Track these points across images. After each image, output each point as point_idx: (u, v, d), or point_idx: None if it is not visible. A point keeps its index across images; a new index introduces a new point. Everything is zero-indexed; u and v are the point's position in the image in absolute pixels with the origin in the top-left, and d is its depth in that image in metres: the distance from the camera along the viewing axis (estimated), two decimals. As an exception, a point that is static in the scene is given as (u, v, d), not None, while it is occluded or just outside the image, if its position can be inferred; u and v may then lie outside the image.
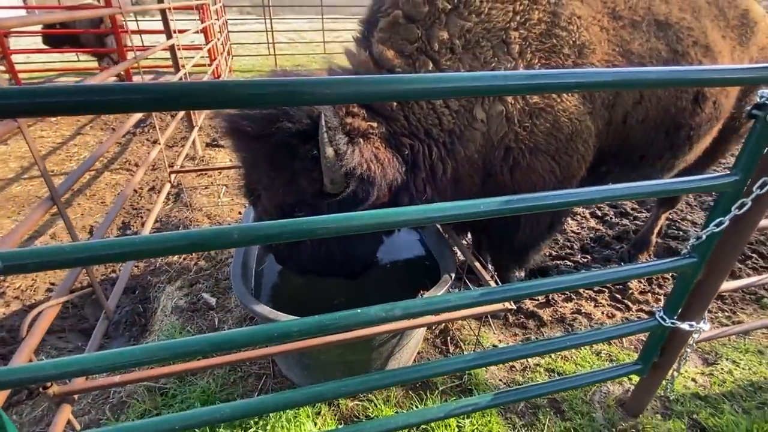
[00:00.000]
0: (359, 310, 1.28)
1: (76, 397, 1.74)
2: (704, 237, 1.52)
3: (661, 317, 1.77)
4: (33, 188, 4.94)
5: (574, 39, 2.08)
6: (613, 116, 2.26)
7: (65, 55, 11.68)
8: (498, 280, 2.12)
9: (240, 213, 4.32)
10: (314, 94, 0.93)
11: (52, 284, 3.43)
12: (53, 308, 1.74)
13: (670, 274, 3.44)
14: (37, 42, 12.75)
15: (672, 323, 1.76)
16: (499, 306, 1.84)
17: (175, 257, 3.55)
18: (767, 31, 2.65)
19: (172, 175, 3.77)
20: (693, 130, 2.39)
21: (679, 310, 1.78)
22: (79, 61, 12.06)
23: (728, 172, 1.42)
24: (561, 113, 2.11)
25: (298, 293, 2.70)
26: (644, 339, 2.73)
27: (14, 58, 8.60)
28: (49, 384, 1.55)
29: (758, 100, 1.31)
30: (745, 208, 1.44)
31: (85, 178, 5.14)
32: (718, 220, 1.47)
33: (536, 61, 2.06)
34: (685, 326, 1.75)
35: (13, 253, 0.94)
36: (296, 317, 1.87)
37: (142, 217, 4.33)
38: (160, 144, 3.77)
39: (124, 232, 4.11)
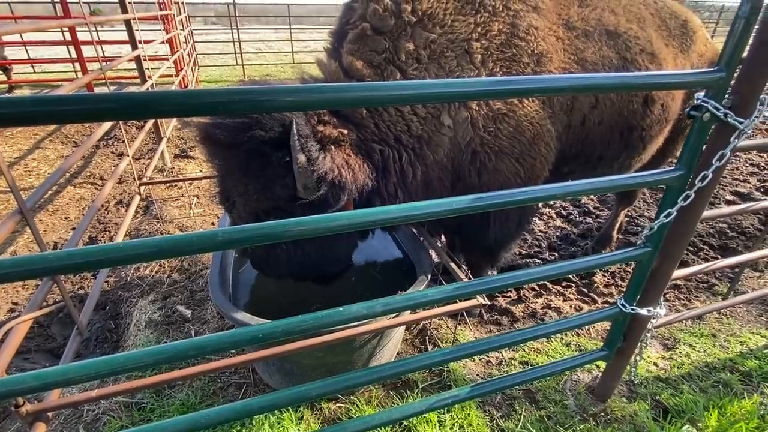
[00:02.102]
0: (341, 308, 1.33)
1: (50, 415, 1.69)
2: (656, 227, 1.66)
3: (622, 304, 1.90)
4: (-11, 205, 4.71)
5: (532, 48, 2.22)
6: (571, 119, 2.41)
7: (20, 66, 11.19)
8: (471, 277, 2.22)
9: (213, 224, 4.27)
10: (283, 101, 0.97)
11: (15, 303, 3.29)
12: (24, 324, 1.69)
13: (631, 267, 3.65)
14: (-12, 53, 12.15)
15: (632, 309, 1.89)
16: (474, 302, 1.92)
17: (148, 270, 3.48)
18: (704, 39, 2.90)
19: (142, 187, 3.69)
20: (644, 131, 2.58)
21: (638, 297, 1.92)
22: (34, 72, 11.59)
23: (673, 167, 1.57)
24: (523, 118, 2.24)
25: (276, 301, 2.71)
26: (609, 329, 2.90)
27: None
28: (21, 402, 1.51)
29: (695, 101, 1.46)
30: (689, 200, 1.58)
31: (47, 192, 4.95)
32: (667, 211, 1.61)
33: (497, 69, 2.18)
34: (643, 312, 1.89)
35: (-7, 263, 0.94)
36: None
37: (109, 232, 4.21)
38: (128, 156, 3.70)
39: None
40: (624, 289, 3.44)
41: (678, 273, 1.96)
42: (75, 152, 2.63)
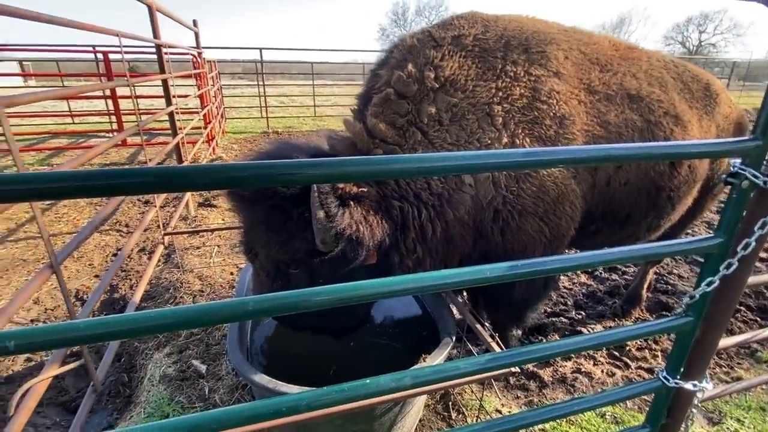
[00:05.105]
0: (368, 380, 1.26)
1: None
2: (698, 296, 1.58)
3: (665, 377, 1.77)
4: (18, 251, 4.85)
5: (554, 111, 2.26)
6: (596, 180, 2.40)
7: (59, 118, 11.97)
8: (500, 342, 2.12)
9: (232, 273, 4.28)
10: (304, 174, 0.99)
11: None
12: (43, 383, 1.66)
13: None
14: (34, 106, 13.08)
15: (676, 383, 1.75)
16: (504, 370, 1.82)
17: (165, 322, 3.45)
18: (728, 101, 2.92)
19: (166, 237, 3.76)
20: (672, 191, 2.54)
21: (681, 369, 1.79)
22: (73, 123, 12.34)
23: (712, 234, 1.51)
24: (546, 177, 2.24)
25: (293, 354, 2.64)
26: (647, 399, 2.69)
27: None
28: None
29: (732, 169, 1.43)
30: (732, 268, 1.50)
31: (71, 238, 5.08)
32: (708, 279, 1.53)
33: (520, 131, 2.21)
34: (688, 386, 1.75)
35: (24, 332, 0.93)
36: (304, 389, 1.82)
37: (130, 279, 4.24)
38: (155, 206, 3.80)
39: (112, 295, 4.00)
40: (658, 353, 3.27)
41: (724, 342, 1.83)
42: (107, 204, 2.72)
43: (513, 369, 1.80)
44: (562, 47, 2.39)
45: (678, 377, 1.78)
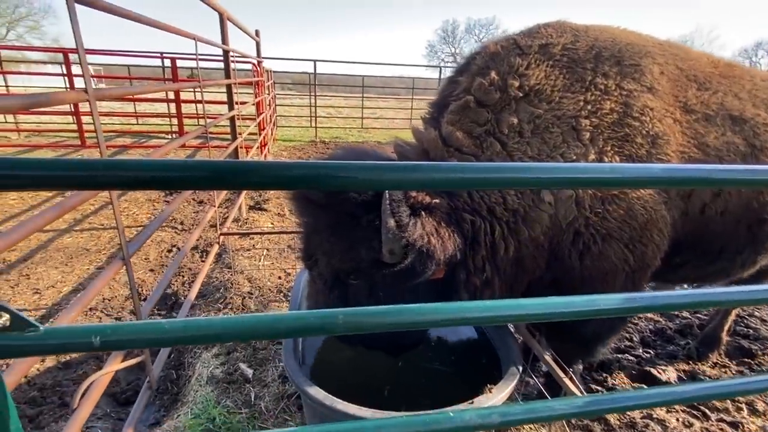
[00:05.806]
0: (452, 414, 1.13)
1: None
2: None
3: (782, 442, 1.52)
4: (82, 240, 5.10)
5: (647, 129, 2.08)
6: (689, 207, 2.17)
7: (124, 118, 12.78)
8: (574, 380, 1.92)
9: (279, 278, 4.27)
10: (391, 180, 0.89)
11: (89, 341, 3.36)
12: (106, 376, 1.65)
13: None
14: (104, 106, 14.05)
15: (796, 450, 1.50)
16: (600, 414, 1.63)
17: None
18: None
19: (221, 237, 3.81)
20: (778, 225, 2.27)
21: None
22: (137, 124, 13.13)
23: None
24: (635, 201, 2.05)
25: (340, 368, 2.55)
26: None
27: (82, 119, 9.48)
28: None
29: None
30: None
31: (132, 233, 5.29)
32: None
33: (608, 148, 2.04)
34: (811, 455, 1.50)
35: (109, 328, 0.88)
36: (363, 409, 1.72)
37: (183, 276, 4.34)
38: (210, 205, 3.87)
39: (164, 290, 4.09)
40: (743, 405, 2.90)
41: None
42: (173, 202, 2.76)
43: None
44: (657, 61, 2.21)
45: (799, 443, 1.52)
